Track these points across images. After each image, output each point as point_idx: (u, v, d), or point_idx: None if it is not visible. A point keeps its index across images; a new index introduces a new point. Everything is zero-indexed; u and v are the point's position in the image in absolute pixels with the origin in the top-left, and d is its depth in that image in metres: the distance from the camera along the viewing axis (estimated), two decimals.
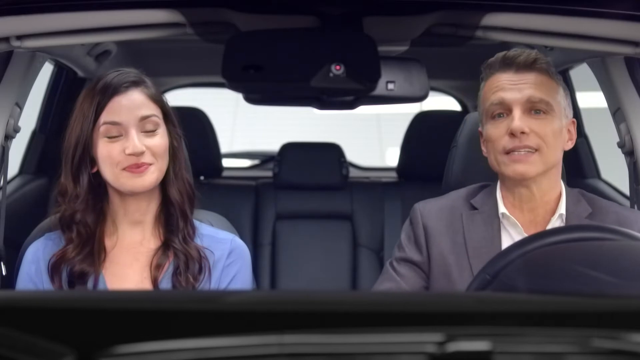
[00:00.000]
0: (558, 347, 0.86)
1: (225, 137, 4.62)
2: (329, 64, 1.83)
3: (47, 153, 3.18)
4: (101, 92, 1.74)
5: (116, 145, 1.74)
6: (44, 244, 1.82)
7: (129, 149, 1.72)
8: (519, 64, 1.86)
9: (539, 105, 1.83)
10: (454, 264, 1.89)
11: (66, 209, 1.78)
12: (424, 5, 1.95)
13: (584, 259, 1.44)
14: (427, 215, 1.96)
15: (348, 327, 0.90)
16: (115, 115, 1.74)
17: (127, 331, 0.90)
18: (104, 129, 1.74)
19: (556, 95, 1.86)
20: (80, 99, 1.79)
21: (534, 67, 1.86)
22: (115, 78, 1.76)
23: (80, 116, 1.76)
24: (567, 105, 1.90)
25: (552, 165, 1.86)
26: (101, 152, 1.75)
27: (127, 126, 1.74)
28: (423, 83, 2.10)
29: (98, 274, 1.77)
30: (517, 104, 1.83)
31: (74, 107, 1.80)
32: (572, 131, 1.92)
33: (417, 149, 3.69)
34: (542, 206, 1.89)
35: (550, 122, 1.84)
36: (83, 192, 1.77)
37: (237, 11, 1.95)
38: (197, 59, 3.45)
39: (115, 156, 1.73)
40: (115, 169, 1.74)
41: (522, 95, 1.83)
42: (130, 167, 1.73)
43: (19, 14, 1.86)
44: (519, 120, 1.81)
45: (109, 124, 1.74)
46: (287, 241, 3.55)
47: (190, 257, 1.79)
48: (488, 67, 1.91)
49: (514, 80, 1.85)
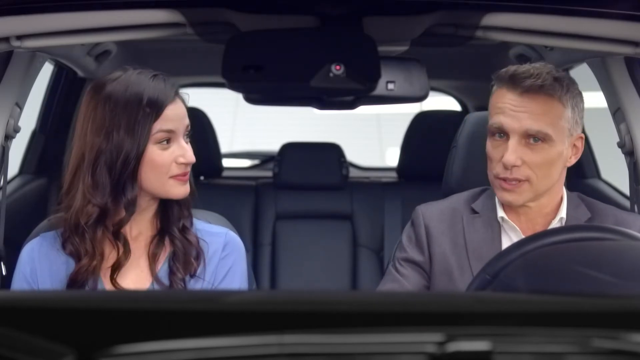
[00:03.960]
0: (558, 347, 0.86)
1: (225, 137, 4.63)
2: (329, 64, 1.83)
3: (47, 153, 3.18)
4: (156, 101, 1.72)
5: (167, 153, 1.74)
6: (39, 244, 1.82)
7: (184, 157, 1.74)
8: (525, 87, 1.80)
9: (537, 135, 1.80)
10: (455, 265, 1.90)
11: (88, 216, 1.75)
12: (424, 5, 1.95)
13: (583, 259, 1.44)
14: (429, 216, 1.96)
15: (348, 327, 0.90)
16: (170, 123, 1.74)
17: (127, 331, 0.90)
18: (159, 136, 1.73)
19: (559, 121, 1.81)
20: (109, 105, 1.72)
21: (540, 92, 1.80)
22: (162, 87, 1.75)
23: (127, 125, 1.71)
24: (575, 122, 1.85)
25: (544, 190, 1.85)
26: (152, 159, 1.73)
27: (178, 134, 1.76)
28: (423, 83, 2.10)
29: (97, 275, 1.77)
30: (515, 133, 1.81)
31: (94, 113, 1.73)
32: (578, 146, 1.88)
33: (417, 149, 3.69)
34: (541, 216, 1.90)
35: (547, 151, 1.81)
36: (131, 203, 1.74)
37: (237, 11, 1.95)
38: (197, 59, 3.46)
39: (167, 164, 1.74)
40: (164, 177, 1.74)
41: (519, 125, 1.80)
42: (179, 175, 1.75)
43: (19, 14, 1.86)
44: (512, 152, 1.79)
45: (165, 131, 1.73)
46: (287, 241, 3.55)
47: (187, 244, 1.80)
48: (498, 79, 1.87)
49: (516, 106, 1.81)
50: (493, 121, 1.84)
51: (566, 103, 1.82)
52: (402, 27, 2.07)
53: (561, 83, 1.82)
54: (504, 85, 1.84)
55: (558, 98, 1.81)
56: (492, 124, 1.84)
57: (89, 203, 1.73)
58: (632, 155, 2.30)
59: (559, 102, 1.81)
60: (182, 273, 1.78)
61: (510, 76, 1.82)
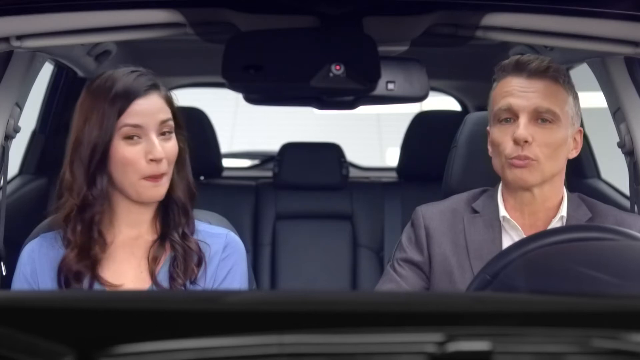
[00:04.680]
0: (558, 347, 0.86)
1: (225, 137, 4.62)
2: (329, 64, 1.83)
3: (47, 153, 3.18)
4: (123, 94, 1.73)
5: (136, 149, 1.73)
6: (39, 244, 1.82)
7: (152, 154, 1.72)
8: (531, 70, 1.85)
9: (545, 115, 1.83)
10: (455, 265, 1.90)
11: (71, 208, 1.77)
12: (424, 5, 1.95)
13: (584, 259, 1.44)
14: (429, 217, 1.96)
15: (348, 327, 0.90)
16: (137, 118, 1.73)
17: (127, 331, 0.90)
18: (125, 131, 1.73)
19: (564, 105, 1.86)
20: (90, 98, 1.77)
21: (546, 75, 1.85)
22: (135, 80, 1.75)
23: (97, 117, 1.73)
24: (576, 114, 1.90)
25: (551, 175, 1.86)
26: (121, 155, 1.73)
27: (147, 130, 1.74)
28: (423, 83, 2.10)
29: (95, 271, 1.77)
30: (524, 111, 1.83)
31: (81, 107, 1.78)
32: (578, 140, 1.91)
33: (417, 149, 3.69)
34: (543, 211, 1.90)
35: (556, 131, 1.84)
36: (103, 194, 1.76)
37: (237, 11, 1.95)
38: (197, 59, 3.45)
39: (136, 162, 1.72)
40: (134, 176, 1.73)
41: (530, 103, 1.83)
42: (150, 177, 1.74)
43: (19, 14, 1.86)
44: (524, 128, 1.82)
45: (131, 126, 1.73)
46: (287, 241, 3.55)
47: (188, 250, 1.79)
48: (501, 69, 1.90)
49: (524, 87, 1.85)
50: (501, 104, 1.86)
51: (568, 91, 1.88)
52: (402, 27, 2.07)
53: (562, 72, 1.88)
54: (508, 73, 1.88)
55: (562, 84, 1.86)
56: (500, 107, 1.86)
57: (70, 195, 1.77)
58: (632, 155, 2.30)
59: (562, 88, 1.86)
60: (182, 279, 1.78)
61: (515, 63, 1.88)
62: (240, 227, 2.94)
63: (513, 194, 1.91)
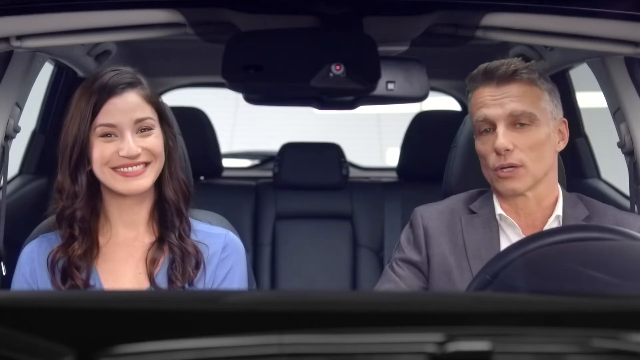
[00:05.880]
0: (558, 347, 0.86)
1: (225, 137, 4.62)
2: (329, 64, 1.83)
3: (47, 153, 3.18)
4: (97, 92, 1.75)
5: (111, 145, 1.75)
6: (39, 245, 1.83)
7: (123, 151, 1.74)
8: (500, 76, 1.86)
9: (522, 119, 1.84)
10: (454, 265, 1.90)
11: (65, 207, 1.78)
12: (424, 5, 1.95)
13: (583, 259, 1.44)
14: (427, 217, 1.97)
15: (348, 327, 0.90)
16: (111, 117, 1.75)
17: (127, 331, 0.90)
18: (100, 130, 1.76)
19: (540, 103, 1.86)
20: (76, 97, 1.80)
21: (514, 78, 1.86)
22: (111, 79, 1.77)
23: (77, 115, 1.77)
24: (555, 106, 1.90)
25: (543, 174, 1.86)
26: (95, 152, 1.76)
27: (122, 128, 1.75)
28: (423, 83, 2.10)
29: (91, 271, 1.78)
30: (500, 119, 1.84)
31: (70, 105, 1.81)
32: (563, 131, 1.92)
33: (417, 149, 3.69)
34: (539, 210, 1.90)
35: (536, 132, 1.84)
36: (82, 191, 1.78)
37: (237, 11, 1.94)
38: (197, 59, 3.45)
39: (106, 156, 1.75)
40: (104, 168, 1.75)
41: (503, 110, 1.84)
42: (122, 167, 1.75)
43: (19, 14, 1.86)
44: (502, 137, 1.82)
45: (105, 125, 1.75)
46: (287, 241, 3.55)
47: (186, 252, 1.79)
48: (472, 81, 1.92)
49: (496, 95, 1.86)
50: (477, 116, 1.88)
51: (542, 86, 1.88)
52: (402, 27, 2.07)
53: (532, 69, 1.88)
54: (479, 84, 1.90)
55: (533, 81, 1.86)
56: (477, 119, 1.88)
57: (59, 195, 1.80)
58: (632, 155, 2.30)
59: (534, 85, 1.87)
60: (181, 281, 1.78)
61: (483, 72, 1.89)
62: (240, 227, 2.95)
63: (507, 200, 1.92)
